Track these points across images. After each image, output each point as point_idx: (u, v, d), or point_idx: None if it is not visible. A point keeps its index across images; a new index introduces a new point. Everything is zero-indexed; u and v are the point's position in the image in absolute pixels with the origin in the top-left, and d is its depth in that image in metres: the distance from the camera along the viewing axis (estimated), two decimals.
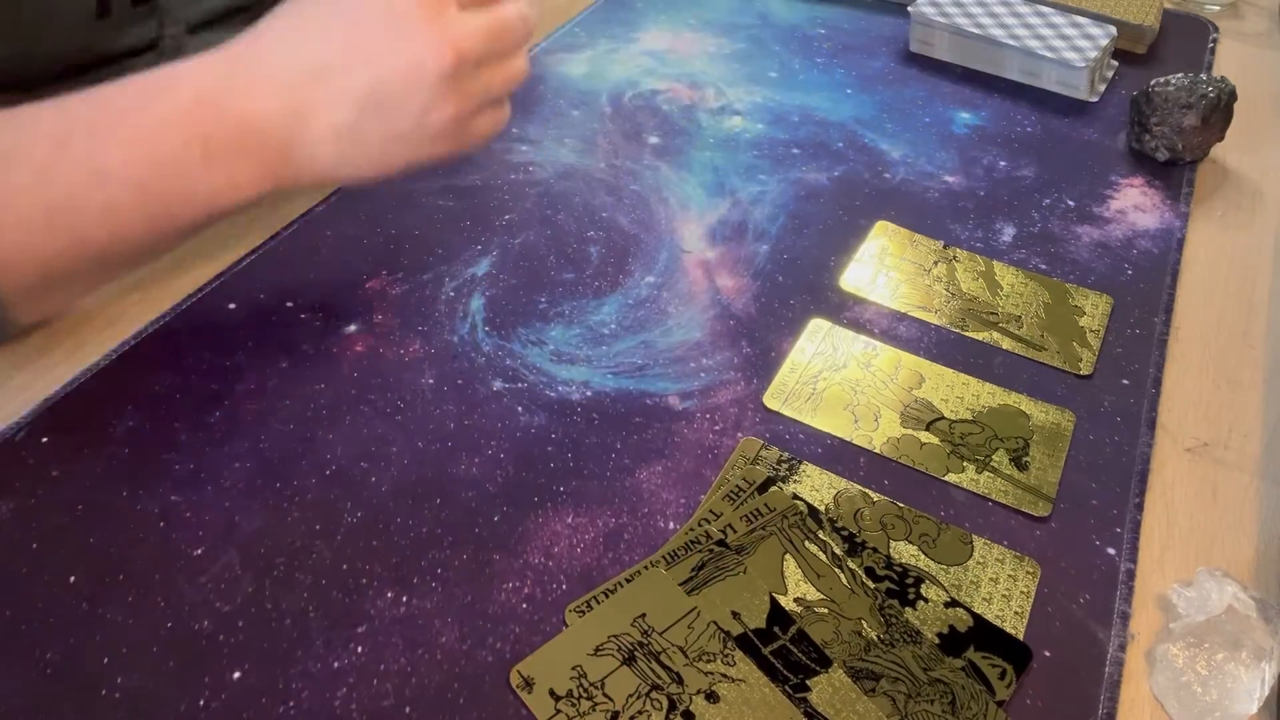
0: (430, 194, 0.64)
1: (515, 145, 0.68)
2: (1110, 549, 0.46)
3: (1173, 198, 0.68)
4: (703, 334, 0.56)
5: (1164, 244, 0.64)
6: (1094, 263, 0.62)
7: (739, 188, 0.67)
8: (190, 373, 0.51)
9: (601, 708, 0.38)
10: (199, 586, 0.41)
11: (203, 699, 0.38)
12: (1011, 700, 0.40)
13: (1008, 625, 0.42)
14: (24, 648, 0.39)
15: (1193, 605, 0.43)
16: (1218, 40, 0.88)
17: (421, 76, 0.46)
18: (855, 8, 0.90)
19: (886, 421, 0.51)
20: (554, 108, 0.73)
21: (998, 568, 0.44)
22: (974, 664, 0.40)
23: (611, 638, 0.40)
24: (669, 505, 0.46)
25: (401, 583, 0.42)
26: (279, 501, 0.45)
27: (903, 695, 0.39)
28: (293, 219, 0.61)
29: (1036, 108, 0.77)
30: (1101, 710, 0.40)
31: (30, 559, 0.42)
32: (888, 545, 0.45)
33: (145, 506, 0.44)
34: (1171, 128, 0.69)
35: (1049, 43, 0.79)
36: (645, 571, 0.43)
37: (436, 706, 0.38)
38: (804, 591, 0.43)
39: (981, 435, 0.50)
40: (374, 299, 0.56)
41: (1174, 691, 0.40)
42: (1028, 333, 0.57)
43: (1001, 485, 0.48)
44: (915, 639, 0.41)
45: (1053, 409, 0.52)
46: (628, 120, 0.72)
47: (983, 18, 0.81)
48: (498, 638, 0.40)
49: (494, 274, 0.58)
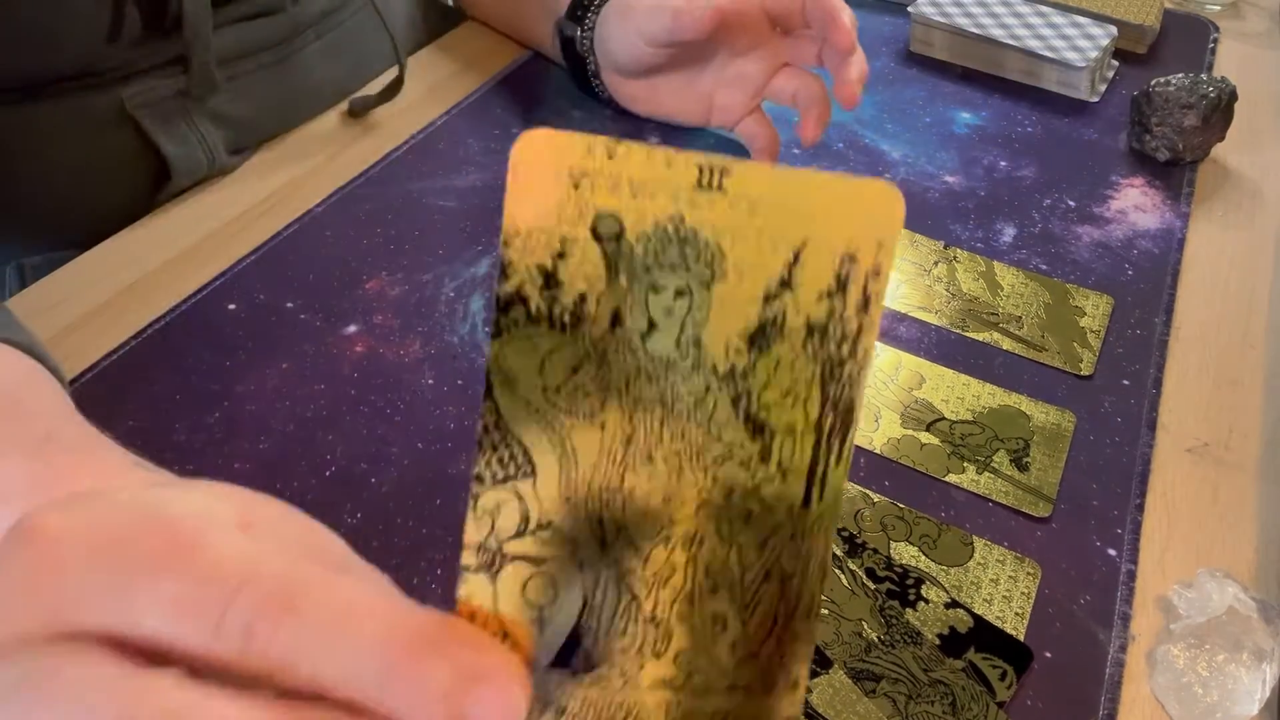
0: (430, 194, 0.64)
1: None
2: (1111, 550, 0.46)
3: (1173, 198, 0.68)
4: None
5: (1164, 244, 0.64)
6: (1094, 263, 0.62)
7: None
8: (190, 373, 0.51)
9: None
10: None
11: None
12: (1012, 701, 0.40)
13: (1008, 626, 0.42)
14: None
15: (1193, 606, 0.42)
16: (1218, 40, 0.88)
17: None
18: (855, 8, 0.90)
19: (887, 422, 0.51)
20: (554, 108, 0.73)
21: (998, 569, 0.44)
22: (974, 665, 0.40)
23: None
24: None
25: (401, 583, 0.42)
26: None
27: (903, 696, 0.39)
28: (293, 219, 0.61)
29: (1037, 108, 0.77)
30: (1102, 711, 0.40)
31: None
32: (888, 546, 0.45)
33: None
34: (1172, 128, 0.69)
35: (1049, 43, 0.79)
36: None
37: None
38: None
39: (982, 436, 0.50)
40: (374, 299, 0.56)
41: (1175, 692, 0.40)
42: (1028, 333, 0.57)
43: (1002, 486, 0.48)
44: (916, 640, 0.41)
45: (1053, 409, 0.52)
46: (628, 120, 0.72)
47: (983, 18, 0.81)
48: None
49: (494, 274, 0.58)
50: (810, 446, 0.23)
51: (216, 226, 0.60)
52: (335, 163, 0.66)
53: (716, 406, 0.23)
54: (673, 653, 0.23)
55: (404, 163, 0.66)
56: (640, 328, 0.22)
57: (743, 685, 0.23)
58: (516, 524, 0.23)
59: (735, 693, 0.23)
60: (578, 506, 0.23)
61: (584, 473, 0.23)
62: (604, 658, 0.23)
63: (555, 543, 0.23)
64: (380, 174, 0.65)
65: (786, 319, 0.22)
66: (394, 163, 0.66)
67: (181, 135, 0.62)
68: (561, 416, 0.22)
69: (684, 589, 0.23)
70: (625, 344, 0.22)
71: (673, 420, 0.23)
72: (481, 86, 0.74)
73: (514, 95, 0.74)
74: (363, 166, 0.65)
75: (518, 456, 0.23)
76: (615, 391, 0.22)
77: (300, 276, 0.57)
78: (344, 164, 0.66)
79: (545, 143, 0.22)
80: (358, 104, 0.70)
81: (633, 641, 0.23)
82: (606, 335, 0.22)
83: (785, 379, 0.22)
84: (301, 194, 0.63)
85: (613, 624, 0.23)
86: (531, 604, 0.23)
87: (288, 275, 0.57)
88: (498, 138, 0.69)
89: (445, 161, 0.66)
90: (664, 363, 0.22)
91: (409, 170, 0.66)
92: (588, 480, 0.23)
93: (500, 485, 0.23)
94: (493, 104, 0.73)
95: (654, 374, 0.22)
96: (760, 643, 0.23)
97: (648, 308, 0.22)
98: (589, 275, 0.22)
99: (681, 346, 0.22)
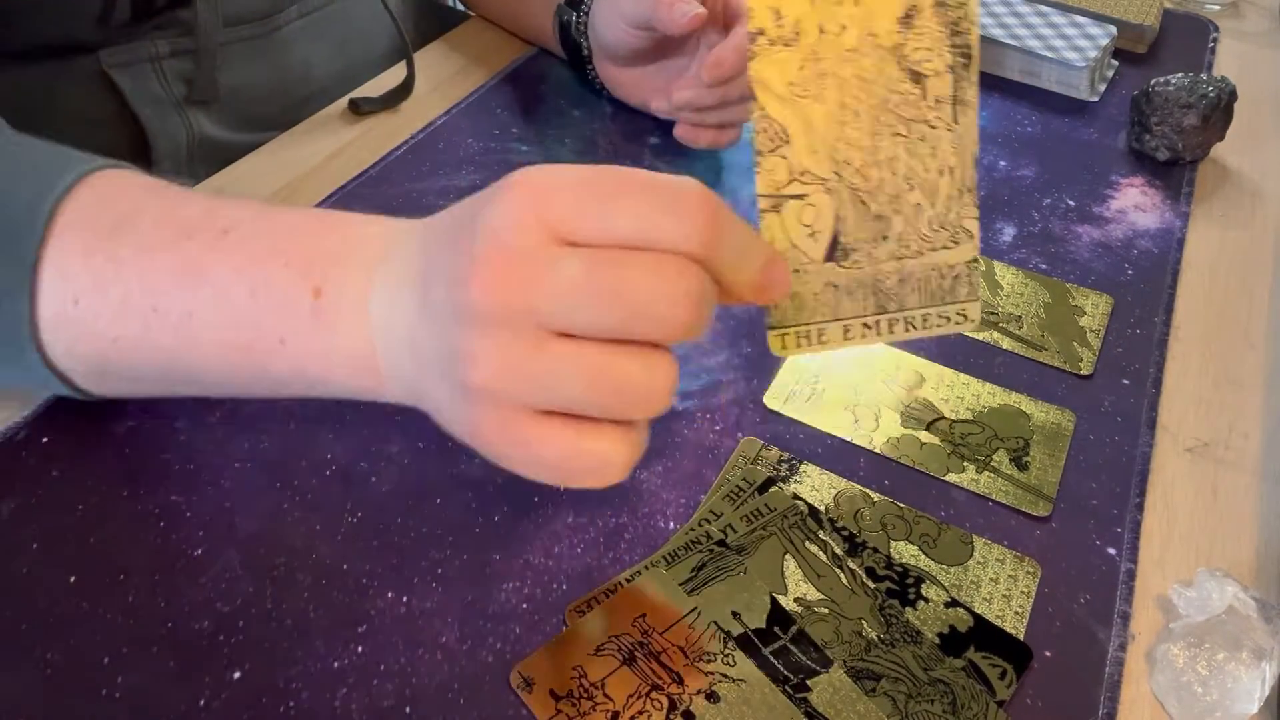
0: (430, 194, 0.64)
1: (515, 145, 0.68)
2: (1110, 549, 0.46)
3: (1173, 197, 0.68)
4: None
5: (1164, 244, 0.64)
6: (1094, 262, 0.62)
7: (739, 188, 0.67)
8: None
9: (601, 708, 0.38)
10: (199, 586, 0.41)
11: (203, 699, 0.38)
12: (1012, 700, 0.40)
13: (1008, 625, 0.42)
14: (24, 648, 0.39)
15: (1193, 605, 0.42)
16: (1218, 40, 0.88)
17: (459, 306, 0.33)
18: None
19: (887, 421, 0.51)
20: (554, 107, 0.73)
21: (998, 568, 0.44)
22: (974, 664, 0.40)
23: (611, 638, 0.40)
24: (669, 505, 0.46)
25: (401, 583, 0.42)
26: (279, 501, 0.45)
27: (903, 695, 0.39)
28: None
29: (1036, 108, 0.77)
30: (1102, 710, 0.40)
31: (30, 559, 0.42)
32: (888, 545, 0.45)
33: (145, 506, 0.44)
34: (1172, 127, 0.69)
35: (1049, 42, 0.79)
36: (645, 571, 0.43)
37: (436, 706, 0.38)
38: (804, 591, 0.43)
39: (982, 435, 0.50)
40: None
41: (1174, 691, 0.40)
42: (1028, 332, 0.57)
43: (1002, 485, 0.48)
44: (915, 639, 0.41)
45: (1053, 409, 0.52)
46: (628, 120, 0.72)
47: (983, 17, 0.81)
48: (498, 638, 0.40)
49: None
50: (950, 82, 0.36)
51: None
52: (335, 162, 0.66)
53: (889, 70, 0.36)
54: (894, 234, 0.37)
55: (404, 163, 0.66)
56: (835, 31, 0.35)
57: (941, 245, 0.37)
58: (788, 174, 0.36)
59: (938, 251, 0.37)
60: (820, 155, 0.36)
61: (819, 132, 0.36)
62: (853, 248, 0.37)
63: (811, 181, 0.36)
64: (380, 174, 0.65)
65: (920, 2, 0.35)
66: (394, 163, 0.66)
67: (154, 95, 0.64)
68: (798, 99, 0.35)
69: (893, 192, 0.37)
70: (828, 44, 0.35)
71: (865, 85, 0.36)
72: (481, 86, 0.74)
73: (514, 95, 0.74)
74: (363, 166, 0.66)
75: (779, 131, 0.36)
76: (829, 76, 0.36)
77: None
78: (344, 164, 0.66)
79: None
80: (364, 104, 0.70)
81: (868, 233, 0.37)
82: (817, 41, 0.35)
83: (926, 40, 0.36)
84: (301, 194, 0.63)
85: (854, 225, 0.37)
86: (805, 225, 0.36)
87: None
88: (498, 138, 0.69)
89: (445, 161, 0.66)
90: (853, 50, 0.35)
91: (409, 170, 0.66)
92: (823, 136, 0.36)
93: (772, 153, 0.36)
94: (493, 103, 0.73)
95: (849, 58, 0.36)
96: (945, 215, 0.37)
97: (838, 16, 0.35)
98: (800, 4, 0.35)
99: (862, 36, 0.35)
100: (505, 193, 0.33)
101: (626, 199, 0.32)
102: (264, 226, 0.39)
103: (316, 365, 0.38)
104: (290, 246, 0.38)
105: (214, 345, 0.39)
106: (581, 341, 0.32)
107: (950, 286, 0.38)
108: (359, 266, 0.38)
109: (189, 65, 0.65)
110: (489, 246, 0.32)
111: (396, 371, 0.37)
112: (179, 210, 0.40)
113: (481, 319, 0.32)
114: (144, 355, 0.40)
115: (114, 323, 0.39)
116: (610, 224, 0.32)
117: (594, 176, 0.33)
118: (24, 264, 0.39)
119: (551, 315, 0.32)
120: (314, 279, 0.38)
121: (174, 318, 0.39)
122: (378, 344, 0.37)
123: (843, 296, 0.37)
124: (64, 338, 0.40)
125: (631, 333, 0.32)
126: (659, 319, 0.32)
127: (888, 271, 0.37)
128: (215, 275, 0.38)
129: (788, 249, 0.36)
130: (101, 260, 0.39)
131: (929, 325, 0.38)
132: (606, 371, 0.32)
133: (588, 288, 0.31)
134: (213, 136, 0.67)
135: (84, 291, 0.39)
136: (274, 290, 0.38)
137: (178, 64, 0.64)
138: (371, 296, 0.37)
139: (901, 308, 0.37)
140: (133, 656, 0.39)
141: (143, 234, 0.39)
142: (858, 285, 0.37)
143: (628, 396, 0.33)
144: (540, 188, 0.33)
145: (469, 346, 0.33)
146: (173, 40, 0.64)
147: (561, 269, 0.32)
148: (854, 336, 0.37)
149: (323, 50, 0.74)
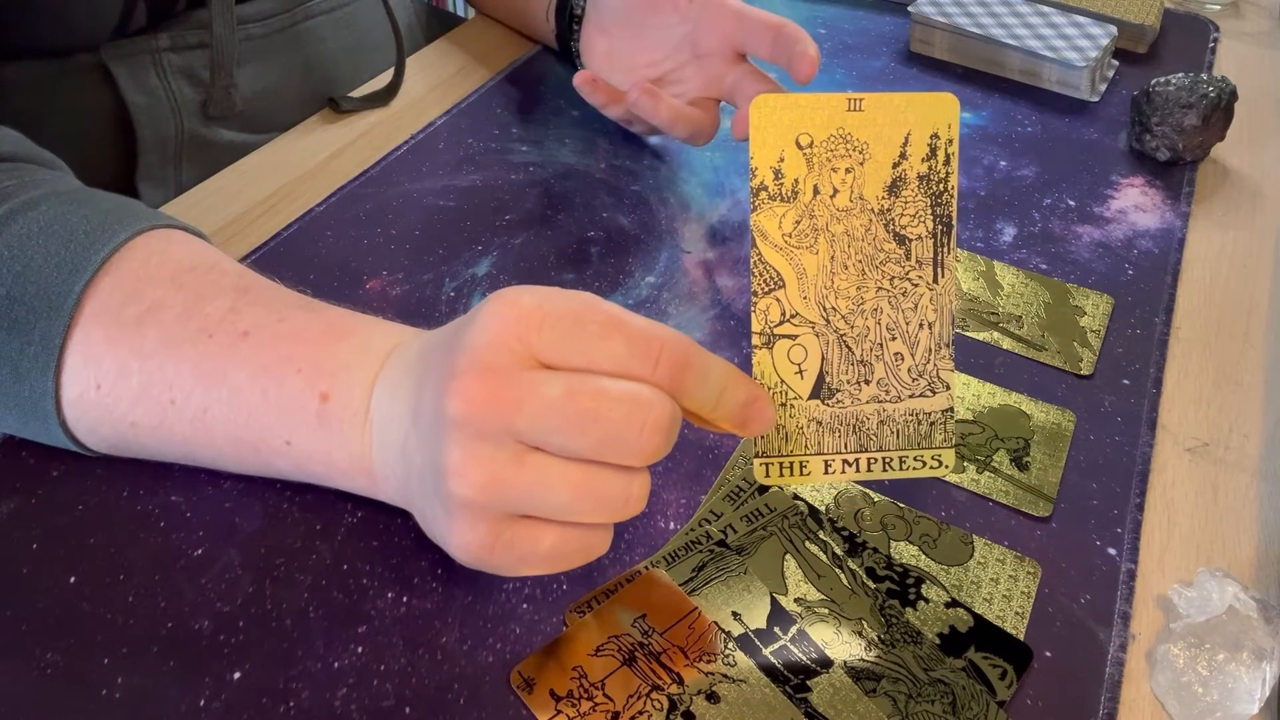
0: (430, 194, 0.64)
1: (515, 145, 0.68)
2: (1111, 549, 0.46)
3: (1173, 198, 0.68)
4: (703, 334, 0.56)
5: (1164, 244, 0.64)
6: (1094, 263, 0.62)
7: (739, 188, 0.67)
8: None
9: (601, 708, 0.38)
10: (199, 586, 0.41)
11: (203, 699, 0.38)
12: (1012, 700, 0.40)
13: (1008, 625, 0.42)
14: (24, 648, 0.39)
15: (1193, 605, 0.42)
16: (1218, 40, 0.88)
17: (443, 419, 0.35)
18: (855, 7, 0.90)
19: None
20: (554, 108, 0.73)
21: (998, 568, 0.44)
22: (974, 664, 0.40)
23: (611, 638, 0.40)
24: (669, 505, 0.46)
25: (401, 583, 0.42)
26: (279, 501, 0.45)
27: (903, 695, 0.39)
28: (293, 219, 0.61)
29: (1037, 108, 0.77)
30: (1102, 710, 0.40)
31: (30, 559, 0.42)
32: (888, 545, 0.45)
33: (145, 506, 0.44)
34: (1172, 127, 0.69)
35: (1049, 43, 0.79)
36: (645, 571, 0.43)
37: (436, 706, 0.38)
38: (804, 592, 0.43)
39: (982, 435, 0.50)
40: (374, 299, 0.56)
41: (1175, 692, 0.40)
42: (1028, 333, 0.57)
43: (1002, 485, 0.48)
44: (916, 639, 0.41)
45: (1053, 409, 0.52)
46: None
47: (983, 17, 0.81)
48: (498, 638, 0.40)
49: (494, 274, 0.58)
50: (931, 245, 0.40)
51: (217, 226, 0.60)
52: (335, 163, 0.66)
53: (876, 230, 0.40)
54: (875, 379, 0.40)
55: (404, 163, 0.66)
56: (829, 193, 0.39)
57: (920, 393, 0.40)
58: (780, 315, 0.39)
59: (916, 399, 0.40)
60: (810, 301, 0.40)
61: (810, 280, 0.40)
62: (838, 388, 0.40)
63: (801, 324, 0.40)
64: (380, 174, 0.65)
65: (906, 175, 0.40)
66: (394, 163, 0.66)
67: (150, 88, 0.64)
68: (793, 249, 0.39)
69: (876, 340, 0.40)
70: (822, 203, 0.39)
71: (854, 242, 0.40)
72: (481, 86, 0.74)
73: (514, 95, 0.74)
74: (363, 166, 0.66)
75: (774, 276, 0.39)
76: (822, 231, 0.39)
77: (301, 276, 0.57)
78: (344, 164, 0.66)
79: (775, 102, 0.39)
80: (344, 103, 0.70)
81: (852, 376, 0.40)
82: (812, 200, 0.39)
83: (911, 208, 0.40)
84: (301, 194, 0.63)
85: (839, 367, 0.40)
86: (793, 363, 0.40)
87: (288, 275, 0.57)
88: (498, 138, 0.69)
89: (445, 161, 0.66)
90: (844, 210, 0.40)
91: (409, 170, 0.66)
92: (814, 284, 0.40)
93: (767, 295, 0.39)
94: (492, 104, 0.73)
95: (840, 217, 0.40)
96: (924, 365, 0.40)
97: (832, 180, 0.39)
98: (798, 167, 0.39)
99: (852, 199, 0.40)
100: (491, 312, 0.35)
101: (609, 342, 0.35)
102: (284, 331, 0.41)
103: (318, 465, 0.41)
104: (304, 353, 0.41)
105: (225, 440, 0.42)
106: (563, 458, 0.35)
107: (927, 432, 0.41)
108: (365, 372, 0.40)
109: (189, 60, 0.64)
110: (470, 361, 0.34)
111: (390, 474, 0.40)
112: (203, 305, 0.42)
113: (463, 431, 0.34)
114: (160, 439, 0.42)
115: (133, 409, 0.42)
116: (591, 362, 0.35)
117: (582, 313, 0.35)
118: (52, 346, 0.41)
119: (529, 433, 0.34)
120: (322, 385, 0.40)
121: (190, 412, 0.41)
122: (374, 448, 0.40)
123: (826, 433, 0.40)
124: (86, 418, 0.42)
125: (601, 456, 0.35)
126: (629, 446, 0.34)
127: (869, 413, 0.40)
128: (232, 377, 0.41)
129: (776, 384, 0.39)
130: (126, 352, 0.41)
131: (905, 467, 0.41)
132: (588, 484, 0.35)
133: (565, 412, 0.34)
134: (202, 134, 0.67)
135: (106, 378, 0.41)
136: (285, 394, 0.40)
137: (177, 57, 0.64)
138: (373, 403, 0.40)
139: (881, 448, 0.40)
140: (133, 656, 0.39)
141: (166, 328, 0.41)
142: (840, 423, 0.40)
143: (609, 505, 0.35)
144: (526, 311, 0.35)
145: (453, 458, 0.35)
146: (174, 35, 0.63)
147: (541, 392, 0.34)
148: (834, 472, 0.40)
149: (330, 53, 0.73)
